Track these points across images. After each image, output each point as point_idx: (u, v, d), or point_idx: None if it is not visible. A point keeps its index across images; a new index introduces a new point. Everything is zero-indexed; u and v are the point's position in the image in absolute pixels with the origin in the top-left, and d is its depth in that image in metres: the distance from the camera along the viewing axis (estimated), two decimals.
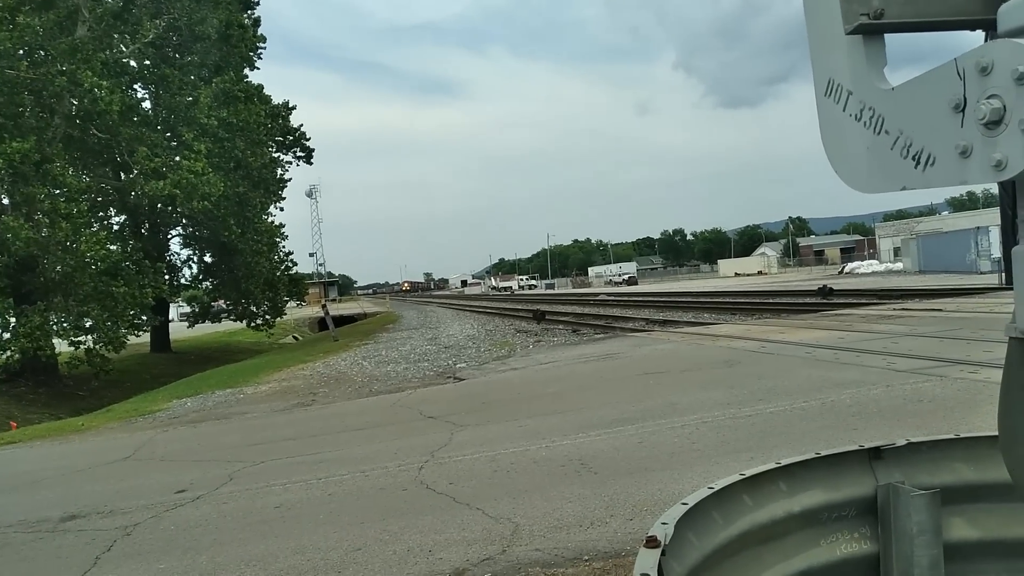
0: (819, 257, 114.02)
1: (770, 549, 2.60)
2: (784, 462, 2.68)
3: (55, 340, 23.23)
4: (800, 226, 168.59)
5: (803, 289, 33.44)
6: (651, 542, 1.96)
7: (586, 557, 4.40)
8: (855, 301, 22.98)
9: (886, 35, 1.76)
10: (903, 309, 18.02)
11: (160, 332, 35.68)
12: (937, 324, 14.00)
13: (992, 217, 52.85)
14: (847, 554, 2.74)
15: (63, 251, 22.40)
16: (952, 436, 2.88)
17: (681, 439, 6.90)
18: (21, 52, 22.81)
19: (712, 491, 2.43)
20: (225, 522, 5.77)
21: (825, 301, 24.47)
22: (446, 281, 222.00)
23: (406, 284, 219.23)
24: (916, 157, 1.63)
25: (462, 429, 8.38)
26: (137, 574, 4.82)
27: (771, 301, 27.46)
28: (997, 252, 32.59)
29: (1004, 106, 1.37)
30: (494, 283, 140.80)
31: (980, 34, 1.74)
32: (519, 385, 11.61)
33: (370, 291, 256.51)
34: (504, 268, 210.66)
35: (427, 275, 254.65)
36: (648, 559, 1.87)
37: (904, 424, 6.62)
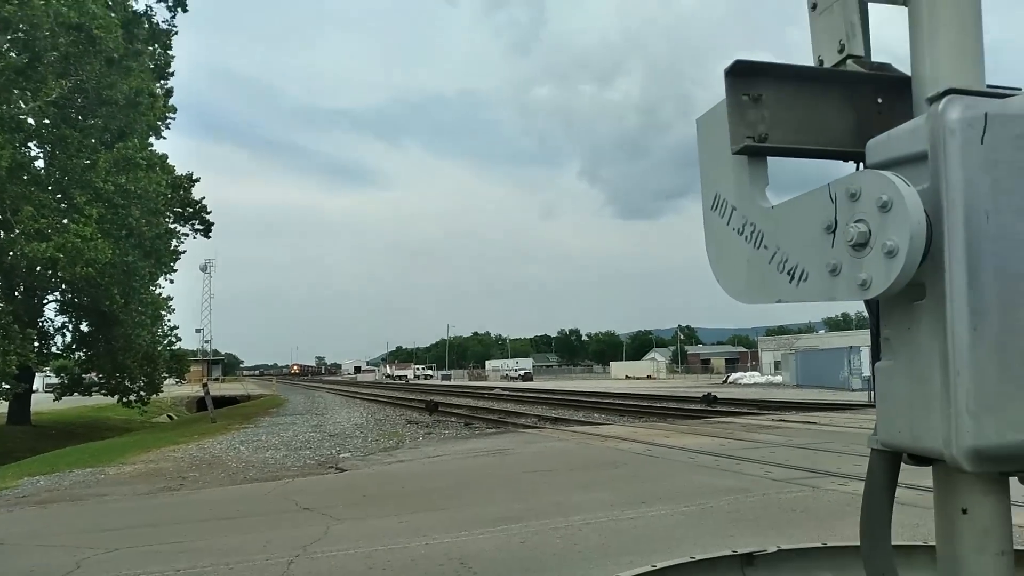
0: (705, 365, 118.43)
1: None
2: (659, 565, 2.70)
3: None
4: (689, 334, 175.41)
5: (689, 395, 34.46)
6: None
7: None
8: (737, 410, 23.84)
9: (769, 158, 1.91)
10: (781, 420, 18.80)
11: (20, 402, 32.90)
12: (811, 436, 14.65)
13: (864, 338, 56.59)
14: None
15: None
16: (819, 544, 2.98)
17: (564, 540, 6.83)
18: None
19: None
20: None
21: (709, 408, 25.28)
22: (339, 366, 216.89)
23: (295, 367, 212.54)
24: (791, 272, 1.74)
25: (339, 522, 8.02)
26: None
27: (658, 405, 28.13)
28: (867, 371, 34.70)
29: (869, 230, 1.49)
30: (389, 371, 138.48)
31: (852, 165, 1.91)
32: (404, 478, 11.29)
33: (257, 372, 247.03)
34: (401, 356, 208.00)
35: (319, 359, 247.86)
36: None
37: (778, 532, 6.79)
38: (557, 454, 13.11)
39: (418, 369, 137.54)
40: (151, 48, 33.68)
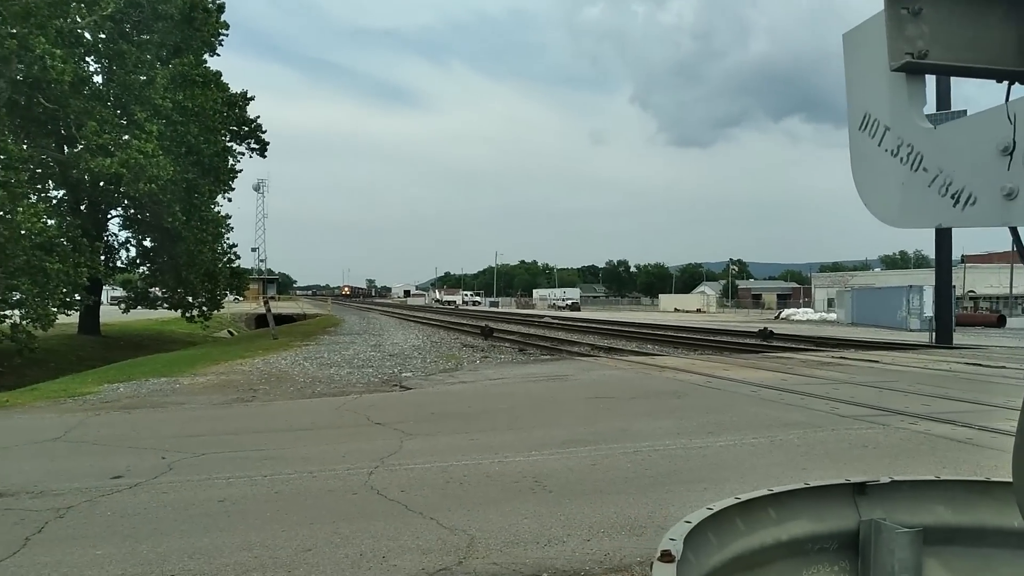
0: (756, 301, 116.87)
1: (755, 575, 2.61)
2: (775, 490, 2.70)
3: None
4: (740, 268, 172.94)
5: (743, 330, 34.19)
6: (665, 556, 1.94)
7: (545, 574, 4.35)
8: (794, 346, 23.58)
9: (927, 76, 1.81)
10: (841, 357, 18.56)
11: (91, 314, 34.25)
12: (875, 374, 14.45)
13: (924, 277, 55.03)
14: None
15: None
16: (933, 478, 2.94)
17: (634, 464, 6.92)
18: None
19: (711, 512, 2.42)
20: (165, 512, 5.53)
21: (765, 343, 25.06)
22: (388, 289, 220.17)
23: (346, 289, 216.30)
24: (956, 196, 1.66)
25: (411, 438, 8.25)
26: (72, 558, 4.57)
27: (713, 339, 27.99)
28: (928, 311, 33.87)
29: None
30: (438, 296, 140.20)
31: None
32: (469, 399, 11.52)
33: (309, 292, 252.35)
34: (449, 282, 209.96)
35: (370, 282, 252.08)
36: (666, 572, 1.86)
37: (851, 467, 6.77)
38: (616, 382, 13.19)
39: (466, 295, 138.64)
40: None
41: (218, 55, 35.82)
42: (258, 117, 38.01)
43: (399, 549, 4.73)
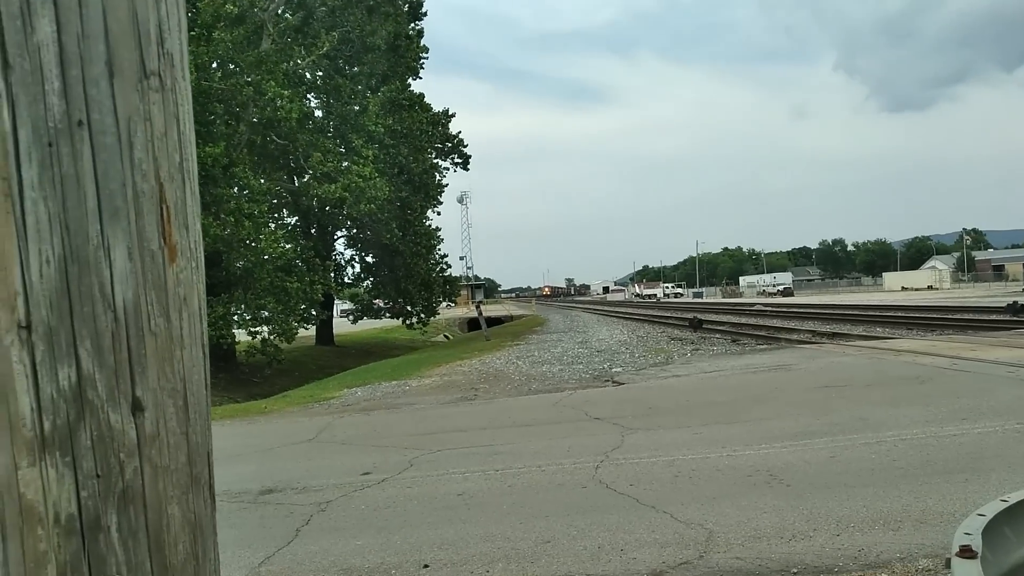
0: (998, 272, 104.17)
1: None
2: None
3: (235, 330, 25.13)
4: (976, 238, 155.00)
5: (986, 306, 30.59)
6: (965, 551, 1.76)
7: (794, 570, 4.14)
8: None
9: None
10: None
11: (325, 326, 37.78)
12: None
13: None
14: None
15: (245, 248, 24.18)
16: None
17: (879, 456, 6.40)
18: (214, 65, 24.88)
19: (1006, 504, 2.17)
20: (412, 505, 5.93)
21: (1017, 319, 22.22)
22: (587, 287, 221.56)
23: (546, 289, 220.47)
24: None
25: (632, 432, 8.22)
26: (337, 548, 5.03)
27: (951, 317, 25.27)
28: None
29: None
30: (638, 290, 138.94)
31: None
32: (685, 392, 11.29)
33: (513, 295, 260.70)
34: (648, 275, 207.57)
35: (568, 280, 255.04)
36: (968, 569, 1.68)
37: None
38: (846, 369, 12.31)
39: (667, 287, 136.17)
40: None
41: (420, 78, 38.07)
42: (459, 132, 39.90)
43: (636, 542, 4.72)
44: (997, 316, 24.06)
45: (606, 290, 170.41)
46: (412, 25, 37.48)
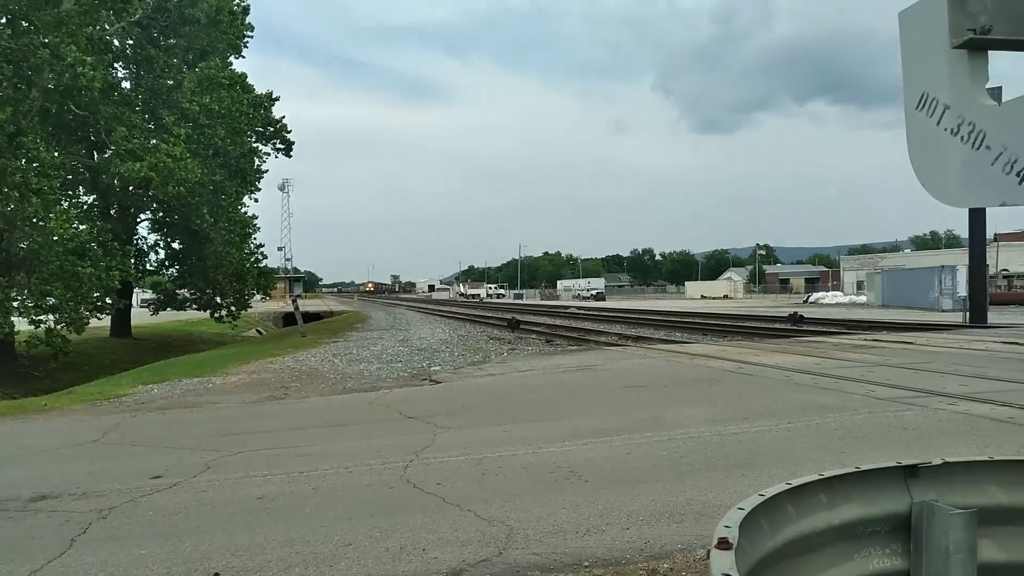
0: (784, 285, 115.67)
1: (806, 560, 2.58)
2: (826, 474, 2.66)
3: (14, 318, 22.52)
4: (768, 253, 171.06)
5: (772, 315, 33.86)
6: (722, 543, 1.91)
7: (586, 563, 4.33)
8: (825, 330, 23.30)
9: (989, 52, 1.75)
10: (874, 340, 18.30)
11: (122, 317, 34.77)
12: (909, 356, 14.23)
13: (955, 257, 53.92)
14: (878, 569, 2.72)
15: (31, 227, 21.77)
16: (986, 458, 2.88)
17: (669, 452, 6.88)
18: (3, 21, 22.19)
19: (763, 498, 2.38)
20: (206, 510, 5.59)
21: (796, 328, 24.79)
22: (413, 285, 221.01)
23: (370, 285, 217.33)
24: (1021, 173, 1.61)
25: (444, 431, 8.27)
26: (117, 558, 4.63)
27: (742, 324, 27.74)
28: (962, 291, 33.30)
29: None
30: (463, 290, 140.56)
31: None
32: (499, 391, 11.53)
33: (335, 289, 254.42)
34: (473, 275, 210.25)
35: (394, 277, 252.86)
36: (724, 560, 1.83)
37: (890, 449, 6.67)
38: (647, 370, 13.12)
39: (490, 288, 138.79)
40: None
41: (243, 57, 36.11)
42: (283, 117, 38.18)
43: (438, 541, 4.73)
44: (780, 325, 26.69)
45: (431, 288, 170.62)
46: (237, 1, 35.51)
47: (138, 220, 35.52)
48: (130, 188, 29.72)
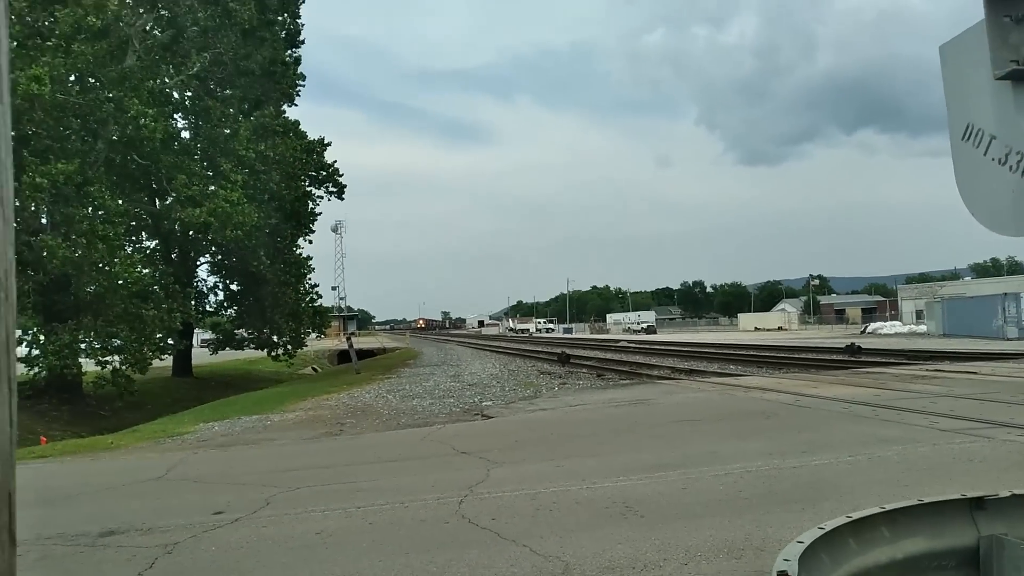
0: (840, 316, 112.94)
1: None
2: (888, 507, 2.62)
3: (82, 359, 23.38)
4: (821, 283, 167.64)
5: (828, 347, 33.09)
6: None
7: None
8: (884, 360, 22.68)
9: None
10: (937, 370, 17.75)
11: (183, 357, 35.82)
12: (974, 386, 13.76)
13: (1019, 284, 52.07)
14: None
15: (97, 272, 22.67)
16: None
17: (726, 487, 6.77)
18: (72, 78, 23.42)
19: (823, 531, 2.37)
20: (266, 546, 5.70)
21: (854, 359, 24.18)
22: (463, 320, 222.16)
23: (421, 322, 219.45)
24: None
25: (498, 466, 8.28)
26: None
27: (797, 356, 27.17)
28: None
29: None
30: (512, 325, 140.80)
31: None
32: (551, 425, 11.51)
33: (388, 327, 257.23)
34: (522, 310, 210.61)
35: (444, 314, 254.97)
36: None
37: (957, 482, 6.45)
38: (701, 404, 12.95)
39: (539, 323, 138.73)
40: (281, 17, 34.95)
41: (296, 105, 37.31)
42: (335, 162, 39.28)
43: None
44: (837, 356, 26.06)
45: (481, 324, 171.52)
46: (289, 52, 36.81)
47: (198, 263, 36.72)
48: (190, 233, 30.81)
